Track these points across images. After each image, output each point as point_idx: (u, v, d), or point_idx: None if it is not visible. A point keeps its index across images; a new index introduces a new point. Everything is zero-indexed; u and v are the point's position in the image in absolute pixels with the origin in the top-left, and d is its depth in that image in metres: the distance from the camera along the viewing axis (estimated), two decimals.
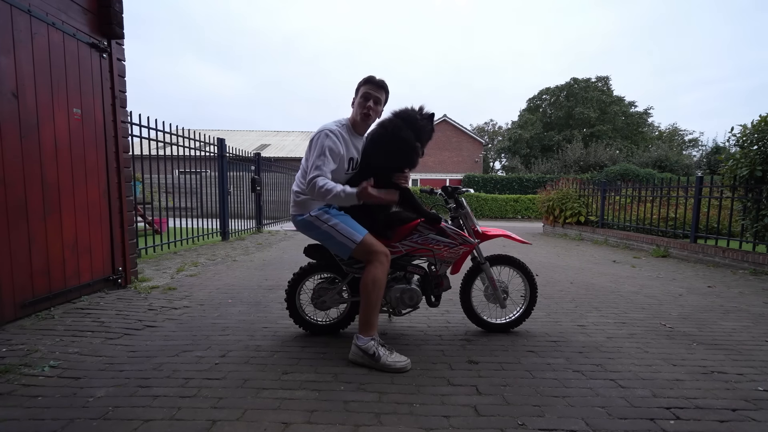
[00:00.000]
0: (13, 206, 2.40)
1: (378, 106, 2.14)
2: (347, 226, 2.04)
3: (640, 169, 16.14)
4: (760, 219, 4.76)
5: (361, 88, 2.13)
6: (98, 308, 2.76)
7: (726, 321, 2.78)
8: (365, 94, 2.10)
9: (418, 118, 2.13)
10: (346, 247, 2.02)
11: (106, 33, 3.14)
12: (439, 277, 2.29)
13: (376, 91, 2.11)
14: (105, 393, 1.64)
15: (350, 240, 2.01)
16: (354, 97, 2.16)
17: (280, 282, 3.72)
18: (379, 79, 2.12)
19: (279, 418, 1.48)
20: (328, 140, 2.00)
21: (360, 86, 2.14)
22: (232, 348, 2.14)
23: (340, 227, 2.03)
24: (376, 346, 1.92)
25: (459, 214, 2.35)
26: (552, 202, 9.39)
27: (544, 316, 2.79)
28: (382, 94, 2.14)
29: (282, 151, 21.53)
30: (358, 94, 2.13)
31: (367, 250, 2.00)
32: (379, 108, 2.15)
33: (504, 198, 18.42)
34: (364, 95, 2.10)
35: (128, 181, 3.45)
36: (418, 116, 2.14)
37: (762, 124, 4.89)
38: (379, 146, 2.13)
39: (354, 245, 2.00)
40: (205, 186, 7.08)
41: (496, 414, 1.54)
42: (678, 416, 1.54)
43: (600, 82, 38.53)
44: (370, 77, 2.12)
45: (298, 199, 2.14)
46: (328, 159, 1.99)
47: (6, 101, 2.36)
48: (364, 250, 2.00)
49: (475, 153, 27.07)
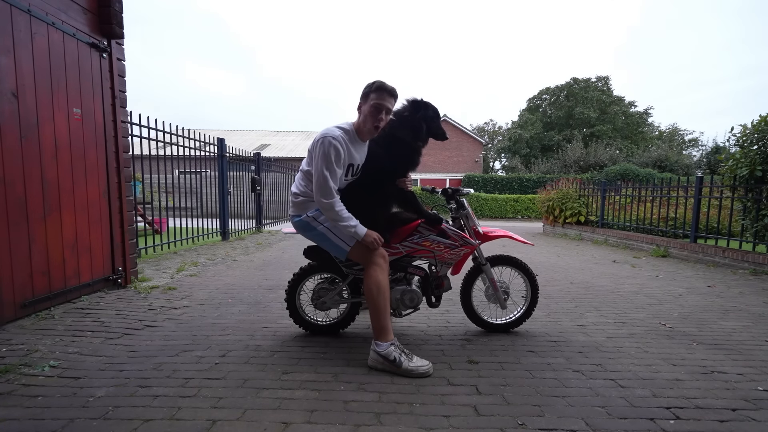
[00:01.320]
0: (13, 206, 2.40)
1: (389, 116, 2.04)
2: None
3: (640, 169, 16.14)
4: (760, 219, 4.76)
5: (371, 95, 1.97)
6: (98, 308, 2.76)
7: (726, 321, 2.78)
8: (377, 105, 1.95)
9: (407, 115, 2.10)
10: (341, 248, 2.01)
11: (106, 33, 3.14)
12: (439, 277, 2.28)
13: (388, 101, 1.97)
14: (105, 393, 1.64)
15: (345, 242, 2.00)
16: (361, 102, 2.02)
17: (280, 282, 3.72)
18: (390, 87, 1.98)
19: (279, 417, 1.48)
20: (332, 148, 1.92)
21: (369, 92, 1.98)
22: (232, 348, 2.14)
23: (337, 229, 2.01)
24: (396, 351, 1.87)
25: (460, 215, 2.34)
26: (552, 202, 9.40)
27: (544, 316, 2.79)
28: (393, 104, 2.01)
29: (282, 151, 21.54)
30: (368, 102, 1.98)
31: (363, 252, 1.98)
32: (388, 117, 2.05)
33: (504, 198, 18.42)
34: (376, 107, 1.95)
35: (128, 180, 3.45)
36: (405, 113, 2.11)
37: (762, 124, 4.89)
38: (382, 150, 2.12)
39: (350, 247, 1.99)
40: (205, 186, 7.08)
41: (496, 414, 1.54)
42: (678, 416, 1.54)
43: (600, 82, 38.52)
44: (381, 84, 1.97)
45: (297, 200, 2.12)
46: (336, 172, 1.94)
47: (6, 101, 2.36)
48: (360, 252, 1.99)
49: (475, 153, 27.07)
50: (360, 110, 2.04)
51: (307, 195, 2.09)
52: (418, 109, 2.12)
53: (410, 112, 2.12)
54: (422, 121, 2.11)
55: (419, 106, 2.13)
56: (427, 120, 2.13)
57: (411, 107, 2.13)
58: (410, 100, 2.15)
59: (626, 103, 37.93)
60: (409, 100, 2.15)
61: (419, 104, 2.13)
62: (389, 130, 2.14)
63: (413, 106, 2.13)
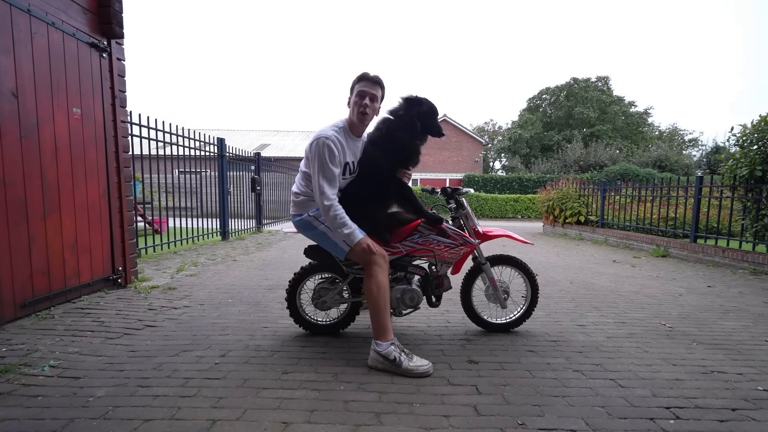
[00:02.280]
0: (13, 206, 2.40)
1: (375, 104, 2.05)
2: None
3: (640, 169, 16.16)
4: (760, 219, 4.76)
5: (355, 86, 2.04)
6: (98, 308, 2.76)
7: (726, 321, 2.78)
8: (360, 93, 2.02)
9: (402, 113, 2.10)
10: (342, 248, 2.01)
11: (106, 32, 3.14)
12: (439, 277, 2.28)
13: (371, 87, 2.02)
14: (105, 393, 1.64)
15: (344, 242, 1.99)
16: (349, 97, 2.08)
17: (280, 282, 3.72)
18: (373, 75, 2.03)
19: (279, 417, 1.48)
20: (326, 149, 1.93)
21: (354, 84, 2.05)
22: (232, 348, 2.14)
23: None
24: (396, 351, 1.88)
25: (459, 215, 2.34)
26: (552, 201, 9.40)
27: (544, 316, 2.79)
28: (378, 90, 2.05)
29: (282, 151, 21.55)
30: (353, 93, 2.04)
31: (363, 251, 1.97)
32: (376, 105, 2.06)
33: (504, 198, 18.43)
34: (359, 93, 2.02)
35: (128, 180, 3.45)
36: (401, 111, 2.11)
37: (762, 124, 4.89)
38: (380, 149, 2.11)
39: (349, 247, 1.99)
40: (205, 186, 7.07)
41: (496, 413, 1.54)
42: (678, 416, 1.54)
43: (600, 82, 38.55)
44: (363, 74, 2.04)
45: (298, 199, 2.12)
46: (333, 172, 1.95)
47: (6, 101, 2.36)
48: (360, 252, 1.98)
49: (475, 153, 27.08)
50: (348, 102, 2.09)
51: (307, 194, 2.09)
52: (412, 107, 2.11)
53: (405, 110, 2.11)
54: (416, 118, 2.09)
55: (413, 103, 2.12)
56: (422, 116, 2.11)
57: (405, 105, 2.12)
58: (404, 98, 2.14)
59: (626, 103, 37.97)
60: (404, 98, 2.14)
61: (413, 101, 2.12)
62: (386, 130, 2.13)
63: (407, 103, 2.12)
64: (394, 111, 2.14)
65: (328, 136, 1.96)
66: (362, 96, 2.02)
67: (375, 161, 2.11)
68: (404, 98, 2.14)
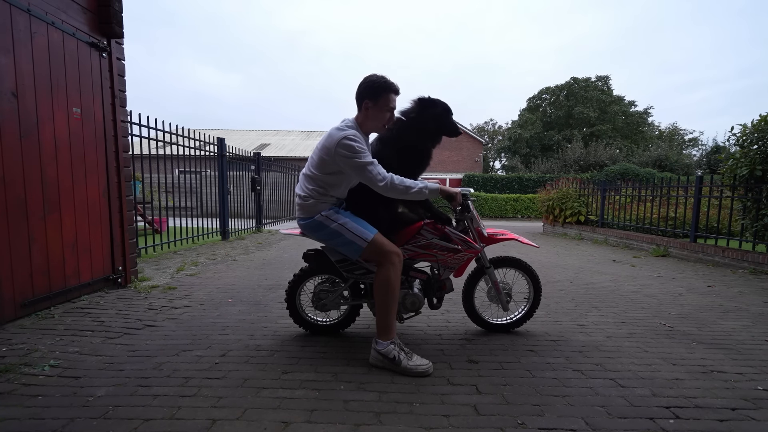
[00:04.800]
0: (13, 206, 2.40)
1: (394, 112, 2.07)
2: (358, 225, 1.98)
3: (640, 169, 16.14)
4: (760, 218, 4.76)
5: (382, 95, 1.97)
6: (98, 308, 2.76)
7: (726, 320, 2.78)
8: (390, 108, 2.00)
9: (414, 116, 2.08)
10: (357, 245, 1.95)
11: (106, 32, 3.14)
12: (441, 280, 2.24)
13: (394, 101, 2.02)
14: (105, 392, 1.64)
15: (361, 238, 1.94)
16: (368, 100, 1.99)
17: (280, 281, 3.72)
18: (396, 86, 2.02)
19: (279, 417, 1.48)
20: (354, 143, 1.88)
21: (381, 91, 1.97)
22: (232, 347, 2.14)
23: (351, 225, 1.97)
24: (396, 350, 1.88)
25: (464, 217, 2.25)
26: (552, 201, 9.39)
27: (544, 316, 2.79)
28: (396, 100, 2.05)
29: (282, 151, 21.55)
30: (378, 101, 1.98)
31: (378, 249, 1.94)
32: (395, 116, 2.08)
33: (504, 197, 18.42)
34: (387, 107, 1.99)
35: (128, 180, 3.45)
36: (413, 113, 2.09)
37: (762, 124, 4.89)
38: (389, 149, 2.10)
39: (365, 244, 1.94)
40: (205, 185, 7.08)
41: (495, 413, 1.54)
42: (678, 415, 1.54)
43: (600, 82, 38.50)
44: (390, 83, 1.99)
45: (306, 203, 2.04)
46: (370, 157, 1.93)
47: (6, 101, 2.36)
48: (375, 250, 1.95)
49: (475, 152, 27.06)
50: (365, 107, 2.01)
51: (315, 196, 2.03)
52: (425, 108, 2.08)
53: (417, 113, 2.09)
54: (431, 120, 2.07)
55: (426, 104, 2.09)
56: (437, 118, 2.09)
57: (418, 107, 2.09)
58: (416, 100, 2.11)
59: (626, 103, 37.92)
60: (415, 100, 2.11)
61: (426, 102, 2.09)
62: (396, 131, 2.10)
63: (420, 105, 2.09)
64: (406, 113, 2.11)
65: (351, 135, 1.90)
66: (390, 111, 2.02)
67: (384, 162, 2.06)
68: (416, 100, 2.11)
